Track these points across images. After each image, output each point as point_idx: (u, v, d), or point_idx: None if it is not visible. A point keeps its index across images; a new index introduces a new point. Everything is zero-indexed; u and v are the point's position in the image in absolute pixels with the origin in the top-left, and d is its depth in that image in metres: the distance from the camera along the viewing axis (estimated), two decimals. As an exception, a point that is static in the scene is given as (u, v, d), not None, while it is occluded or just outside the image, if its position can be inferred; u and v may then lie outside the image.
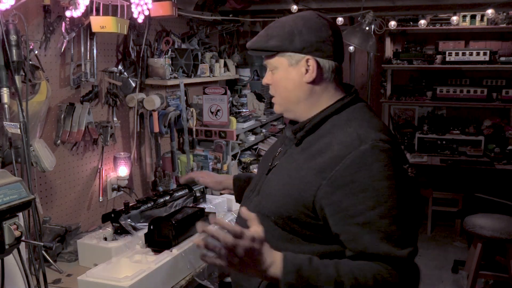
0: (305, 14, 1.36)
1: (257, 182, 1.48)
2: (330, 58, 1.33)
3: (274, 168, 1.42)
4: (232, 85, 4.15)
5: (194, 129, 3.34)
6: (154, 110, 2.86)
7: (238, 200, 1.79)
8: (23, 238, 1.29)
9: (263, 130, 4.28)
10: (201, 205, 2.38)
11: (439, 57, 5.31)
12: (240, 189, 1.76)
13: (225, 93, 3.35)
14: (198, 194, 2.44)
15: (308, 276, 1.16)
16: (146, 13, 2.41)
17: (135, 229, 2.09)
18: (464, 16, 5.02)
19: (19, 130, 1.74)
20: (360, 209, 1.19)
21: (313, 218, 1.27)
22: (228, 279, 2.54)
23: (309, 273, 1.17)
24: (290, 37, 1.31)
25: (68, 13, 2.16)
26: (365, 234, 1.19)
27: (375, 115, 1.38)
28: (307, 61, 1.32)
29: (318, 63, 1.32)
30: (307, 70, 1.33)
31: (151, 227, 1.93)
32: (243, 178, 1.81)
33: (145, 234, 1.96)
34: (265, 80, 1.43)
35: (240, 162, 3.79)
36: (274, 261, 1.17)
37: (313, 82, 1.34)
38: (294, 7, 3.52)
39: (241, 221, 1.31)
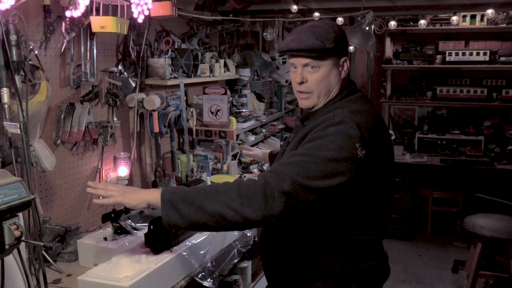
0: (333, 23, 1.60)
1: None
2: (348, 56, 1.61)
3: (285, 151, 1.68)
4: (232, 85, 4.15)
5: (194, 129, 3.34)
6: (154, 110, 2.86)
7: None
8: (23, 238, 1.29)
9: (263, 130, 4.28)
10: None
11: (439, 57, 5.31)
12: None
13: (225, 93, 3.35)
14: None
15: (183, 192, 1.47)
16: (146, 13, 2.41)
17: (135, 229, 2.09)
18: (464, 16, 5.02)
19: (19, 130, 1.74)
20: (300, 147, 1.50)
21: None
22: (228, 279, 2.55)
23: (183, 191, 1.48)
24: (338, 42, 1.55)
25: (68, 13, 2.16)
26: (283, 158, 1.51)
27: (364, 103, 1.60)
28: (345, 61, 1.60)
29: (348, 63, 1.60)
30: (342, 69, 1.59)
31: (151, 227, 1.93)
32: (275, 153, 2.15)
33: (145, 234, 1.96)
34: (301, 78, 1.59)
35: (240, 162, 3.79)
36: (154, 191, 1.56)
37: (344, 78, 1.61)
38: (294, 7, 3.52)
39: None
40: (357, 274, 1.58)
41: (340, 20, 3.70)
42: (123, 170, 2.66)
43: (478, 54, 5.09)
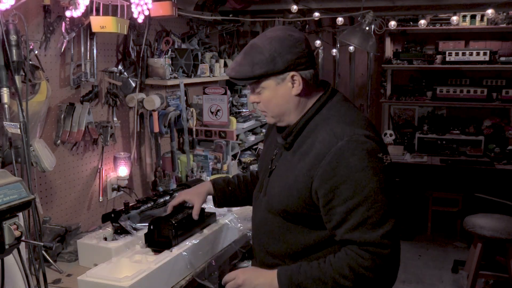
0: (277, 35, 1.45)
1: (262, 183, 1.64)
2: (308, 68, 1.47)
3: (274, 170, 1.58)
4: (232, 85, 4.15)
5: (194, 129, 3.34)
6: (154, 110, 2.86)
7: (221, 203, 1.93)
8: (23, 238, 1.29)
9: (263, 130, 4.28)
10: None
11: (439, 57, 5.31)
12: (221, 191, 1.91)
13: (225, 93, 3.35)
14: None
15: (299, 281, 1.41)
16: (146, 13, 2.41)
17: (135, 229, 2.09)
18: (464, 16, 5.02)
19: (19, 130, 1.74)
20: (341, 200, 1.36)
21: (314, 211, 1.45)
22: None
23: (299, 278, 1.41)
24: (273, 61, 1.42)
25: (68, 13, 2.16)
26: (345, 222, 1.37)
27: (349, 107, 1.53)
28: (292, 77, 1.45)
29: (301, 76, 1.46)
30: (293, 84, 1.46)
31: (151, 227, 1.93)
32: (220, 181, 1.94)
33: (145, 234, 1.96)
34: (252, 99, 1.54)
35: (240, 162, 3.79)
36: (271, 279, 1.46)
37: (300, 92, 1.48)
38: (294, 7, 3.52)
39: (255, 225, 1.65)
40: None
41: (340, 20, 3.71)
42: (123, 170, 2.66)
43: (478, 54, 5.09)
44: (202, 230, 2.11)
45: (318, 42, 5.14)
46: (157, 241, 1.94)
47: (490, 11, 3.36)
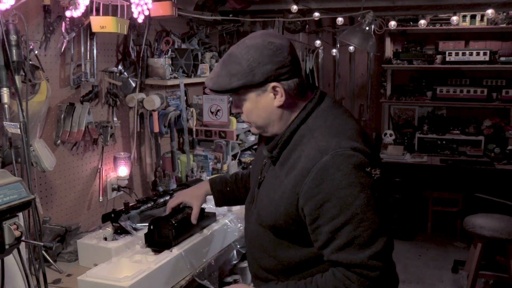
0: (256, 43, 1.35)
1: (253, 194, 1.56)
2: (292, 78, 1.36)
3: (263, 181, 1.50)
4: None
5: (194, 129, 3.34)
6: (154, 110, 2.86)
7: (219, 203, 1.90)
8: (23, 238, 1.29)
9: (263, 130, 4.27)
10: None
11: (439, 57, 5.31)
12: (219, 192, 1.88)
13: (225, 93, 3.34)
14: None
15: None
16: (146, 13, 2.41)
17: (135, 229, 2.09)
18: (464, 16, 5.02)
19: (19, 130, 1.74)
20: (327, 219, 1.28)
21: (302, 227, 1.37)
22: (228, 279, 2.55)
23: None
24: (252, 72, 1.33)
25: (68, 13, 2.15)
26: (331, 242, 1.29)
27: (337, 114, 1.41)
28: (273, 88, 1.35)
29: (283, 87, 1.36)
30: (275, 95, 1.37)
31: (151, 227, 1.93)
32: (218, 181, 1.91)
33: (145, 234, 1.96)
34: (234, 110, 1.47)
35: (240, 162, 3.79)
36: None
37: (283, 103, 1.38)
38: (294, 7, 3.52)
39: (248, 238, 1.59)
40: None
41: (340, 20, 3.71)
42: (123, 170, 2.66)
43: (478, 54, 5.10)
44: (202, 230, 2.11)
45: (318, 42, 5.14)
46: (157, 241, 1.94)
47: (490, 11, 3.36)
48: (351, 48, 5.19)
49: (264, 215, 1.46)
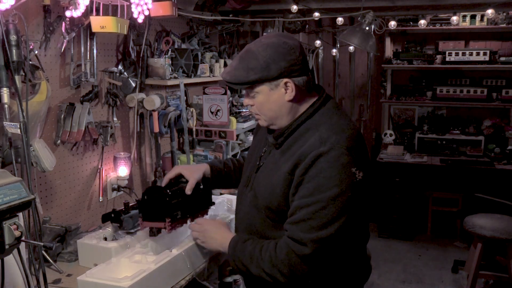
0: (272, 42, 1.50)
1: (249, 178, 1.70)
2: (302, 75, 1.52)
3: (261, 167, 1.65)
4: (232, 85, 4.15)
5: (194, 129, 3.34)
6: (154, 110, 2.86)
7: (216, 184, 2.01)
8: (23, 238, 1.29)
9: (263, 130, 4.27)
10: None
11: (439, 57, 5.31)
12: (217, 171, 1.98)
13: (225, 93, 3.35)
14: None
15: (239, 251, 1.59)
16: (146, 13, 2.41)
17: (135, 229, 2.08)
18: (464, 16, 5.02)
19: (19, 130, 1.74)
20: (299, 195, 1.46)
21: None
22: (228, 279, 2.55)
23: (239, 249, 1.59)
24: (268, 67, 1.48)
25: (68, 13, 2.15)
26: (292, 215, 1.48)
27: (341, 115, 1.58)
28: (285, 83, 1.51)
29: (294, 83, 1.51)
30: (286, 91, 1.52)
31: (145, 197, 1.87)
32: (217, 163, 2.04)
33: (139, 204, 1.91)
34: (246, 102, 1.60)
35: (240, 162, 3.79)
36: (225, 240, 1.66)
37: (293, 98, 1.53)
38: (294, 7, 3.52)
39: (238, 219, 1.76)
40: (342, 282, 1.61)
41: (340, 20, 3.71)
42: (123, 170, 2.66)
43: (478, 54, 5.09)
44: (198, 211, 2.06)
45: (318, 42, 5.14)
46: (151, 212, 1.87)
47: (490, 11, 3.36)
48: (351, 48, 5.19)
49: (259, 198, 1.60)
